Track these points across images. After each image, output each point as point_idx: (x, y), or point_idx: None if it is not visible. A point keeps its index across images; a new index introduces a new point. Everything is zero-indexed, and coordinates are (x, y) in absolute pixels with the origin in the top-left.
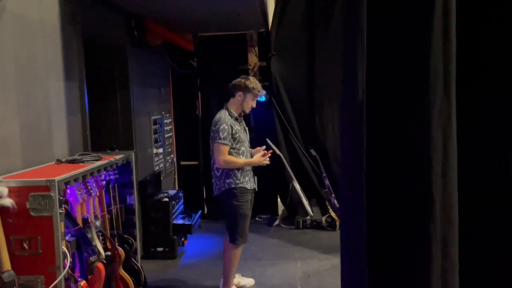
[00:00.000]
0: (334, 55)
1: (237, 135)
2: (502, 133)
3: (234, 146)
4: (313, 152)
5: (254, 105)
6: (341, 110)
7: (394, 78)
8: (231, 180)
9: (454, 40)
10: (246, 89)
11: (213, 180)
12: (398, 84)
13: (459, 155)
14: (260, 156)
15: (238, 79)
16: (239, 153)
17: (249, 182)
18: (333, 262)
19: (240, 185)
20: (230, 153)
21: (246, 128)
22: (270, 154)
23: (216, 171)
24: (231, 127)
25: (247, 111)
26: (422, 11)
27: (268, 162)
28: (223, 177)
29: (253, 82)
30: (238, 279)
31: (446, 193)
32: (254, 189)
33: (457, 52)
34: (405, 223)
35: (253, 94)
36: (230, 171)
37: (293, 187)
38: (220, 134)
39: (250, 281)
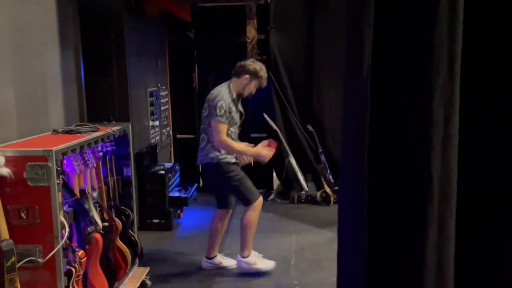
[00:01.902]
0: (334, 29)
1: (232, 115)
2: (504, 118)
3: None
4: (310, 128)
5: (254, 92)
6: (344, 85)
7: (397, 55)
8: (214, 155)
9: (461, 20)
10: (254, 75)
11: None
12: (401, 60)
13: (460, 136)
14: (263, 147)
15: (249, 62)
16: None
17: (233, 158)
18: (328, 236)
19: (223, 160)
20: None
21: (243, 111)
22: (274, 150)
23: (200, 143)
24: (229, 105)
25: (245, 95)
26: None
27: (266, 159)
28: (206, 150)
29: (262, 70)
30: (220, 259)
31: (445, 170)
32: (240, 163)
33: (464, 33)
34: (403, 200)
35: (259, 82)
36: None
37: (289, 162)
38: (218, 111)
39: (232, 263)
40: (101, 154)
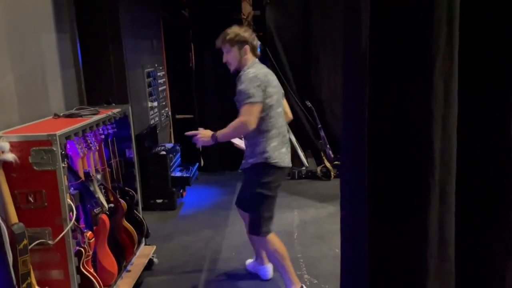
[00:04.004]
0: (331, 1)
1: None
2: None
3: None
4: (308, 103)
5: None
6: (343, 60)
7: (396, 26)
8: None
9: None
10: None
11: None
12: (399, 31)
13: (458, 108)
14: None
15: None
16: None
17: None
18: (329, 210)
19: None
20: None
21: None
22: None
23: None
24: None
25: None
26: None
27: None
28: None
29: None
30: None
31: (445, 141)
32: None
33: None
34: (404, 171)
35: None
36: None
37: (289, 139)
38: None
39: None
40: (103, 136)
